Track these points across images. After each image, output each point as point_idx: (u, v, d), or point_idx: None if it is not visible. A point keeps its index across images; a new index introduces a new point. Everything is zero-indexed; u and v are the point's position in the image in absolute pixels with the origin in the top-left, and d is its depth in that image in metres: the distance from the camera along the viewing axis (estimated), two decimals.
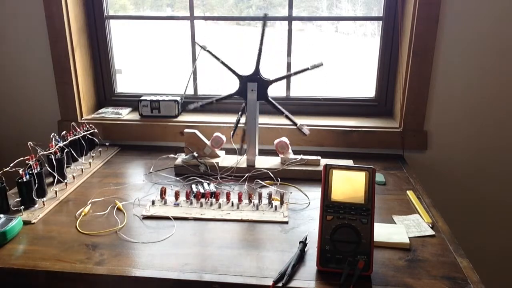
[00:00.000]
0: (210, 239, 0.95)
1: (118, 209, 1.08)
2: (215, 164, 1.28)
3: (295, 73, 1.25)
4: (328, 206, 0.84)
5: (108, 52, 1.62)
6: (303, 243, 0.90)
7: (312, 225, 1.01)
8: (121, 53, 1.67)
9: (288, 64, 1.56)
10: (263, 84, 1.24)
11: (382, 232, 0.95)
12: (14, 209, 1.06)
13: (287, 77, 1.26)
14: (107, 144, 1.51)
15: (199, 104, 1.29)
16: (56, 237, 0.96)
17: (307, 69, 1.23)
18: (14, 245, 0.93)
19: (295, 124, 1.27)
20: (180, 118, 1.55)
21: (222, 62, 1.24)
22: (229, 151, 1.36)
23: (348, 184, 0.85)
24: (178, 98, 1.56)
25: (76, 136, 1.34)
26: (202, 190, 1.15)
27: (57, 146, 1.21)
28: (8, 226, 0.94)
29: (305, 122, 1.50)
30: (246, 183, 1.22)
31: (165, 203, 1.10)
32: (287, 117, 1.26)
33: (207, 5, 1.65)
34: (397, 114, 1.50)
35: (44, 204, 1.09)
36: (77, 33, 1.52)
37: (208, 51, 1.25)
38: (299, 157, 1.29)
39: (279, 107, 1.27)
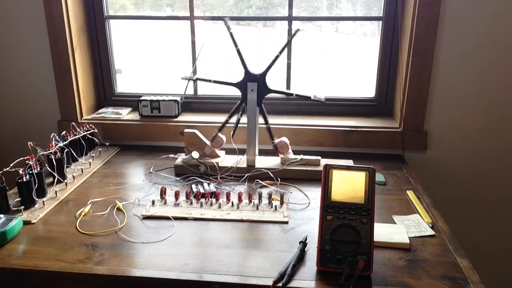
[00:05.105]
0: (210, 239, 0.95)
1: (118, 209, 1.08)
2: (215, 164, 1.28)
3: (297, 95, 1.27)
4: (328, 206, 0.84)
5: (108, 52, 1.62)
6: (303, 243, 0.90)
7: (312, 225, 1.01)
8: (121, 53, 1.67)
9: (288, 65, 1.56)
10: (263, 87, 1.26)
11: (382, 232, 0.95)
12: (14, 209, 1.06)
13: (288, 95, 1.29)
14: (107, 144, 1.51)
15: (195, 77, 1.29)
16: (56, 237, 0.96)
17: (309, 98, 1.26)
18: (14, 245, 0.93)
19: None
20: (180, 118, 1.55)
21: (238, 50, 1.24)
22: (229, 151, 1.36)
23: (348, 184, 0.85)
24: (178, 98, 1.56)
25: (76, 136, 1.34)
26: (202, 190, 1.15)
27: (57, 146, 1.21)
28: (8, 226, 0.94)
29: (305, 122, 1.50)
30: (246, 183, 1.22)
31: (165, 203, 1.10)
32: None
33: (207, 5, 1.65)
34: (397, 114, 1.50)
35: (44, 204, 1.09)
36: (77, 33, 1.52)
37: (230, 33, 1.24)
38: (299, 157, 1.29)
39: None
